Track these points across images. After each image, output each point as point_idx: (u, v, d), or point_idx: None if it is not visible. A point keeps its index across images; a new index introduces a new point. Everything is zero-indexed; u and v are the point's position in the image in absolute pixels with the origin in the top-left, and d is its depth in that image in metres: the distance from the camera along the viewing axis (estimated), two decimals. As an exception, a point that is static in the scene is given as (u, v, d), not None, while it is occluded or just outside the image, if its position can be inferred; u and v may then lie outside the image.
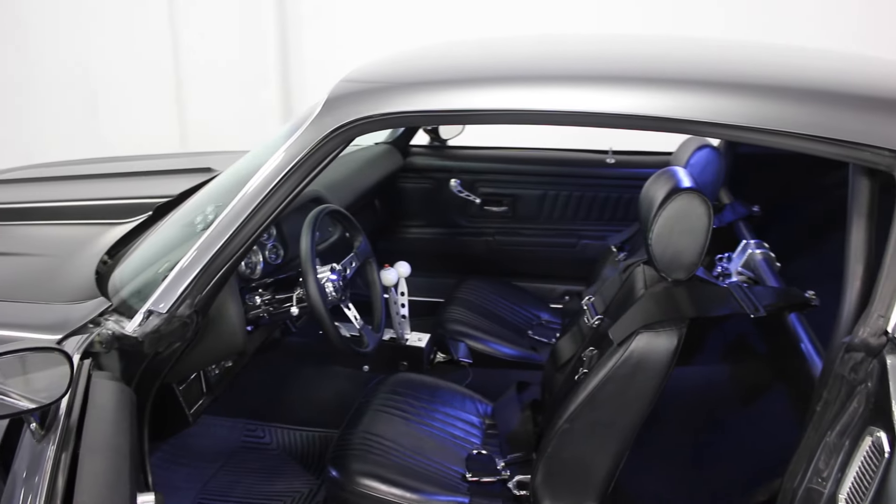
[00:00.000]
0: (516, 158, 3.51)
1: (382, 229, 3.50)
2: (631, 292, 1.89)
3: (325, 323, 2.12)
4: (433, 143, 3.59)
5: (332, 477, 2.01)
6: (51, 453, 1.25)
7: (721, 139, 1.76)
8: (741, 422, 2.45)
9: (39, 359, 1.35)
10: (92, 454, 1.23)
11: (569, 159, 3.47)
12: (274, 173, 1.65)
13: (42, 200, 2.66)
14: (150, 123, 5.40)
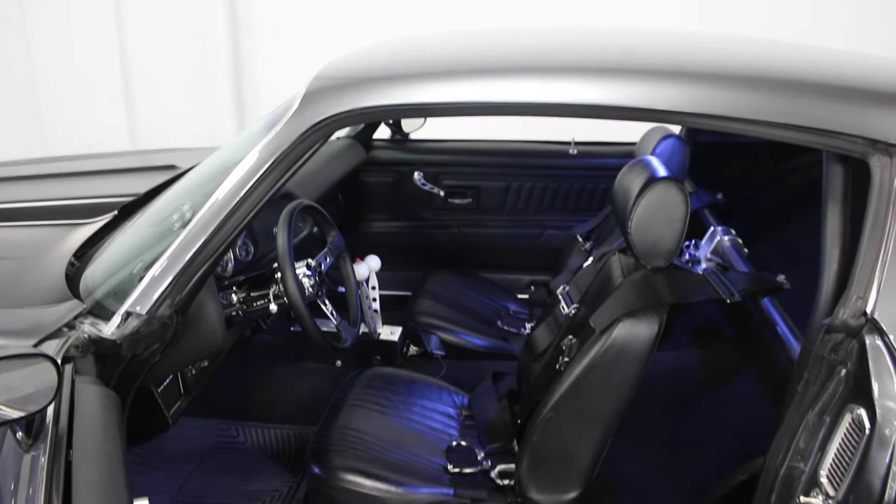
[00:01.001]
0: (479, 151, 3.51)
1: (347, 224, 3.48)
2: (608, 280, 1.91)
3: (305, 319, 2.10)
4: (395, 136, 3.58)
5: (314, 474, 1.99)
6: (43, 463, 1.22)
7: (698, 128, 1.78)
8: (715, 405, 2.50)
9: (22, 365, 1.31)
10: (85, 462, 1.20)
11: (532, 150, 3.49)
12: (253, 170, 1.63)
13: (0, 201, 2.59)
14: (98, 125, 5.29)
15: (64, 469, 1.21)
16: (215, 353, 2.14)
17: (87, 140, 5.14)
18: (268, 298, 2.18)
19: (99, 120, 5.29)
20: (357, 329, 2.47)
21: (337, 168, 3.20)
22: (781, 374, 2.02)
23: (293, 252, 2.12)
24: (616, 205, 1.83)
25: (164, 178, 2.54)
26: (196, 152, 2.72)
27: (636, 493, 2.22)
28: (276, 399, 2.87)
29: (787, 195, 2.82)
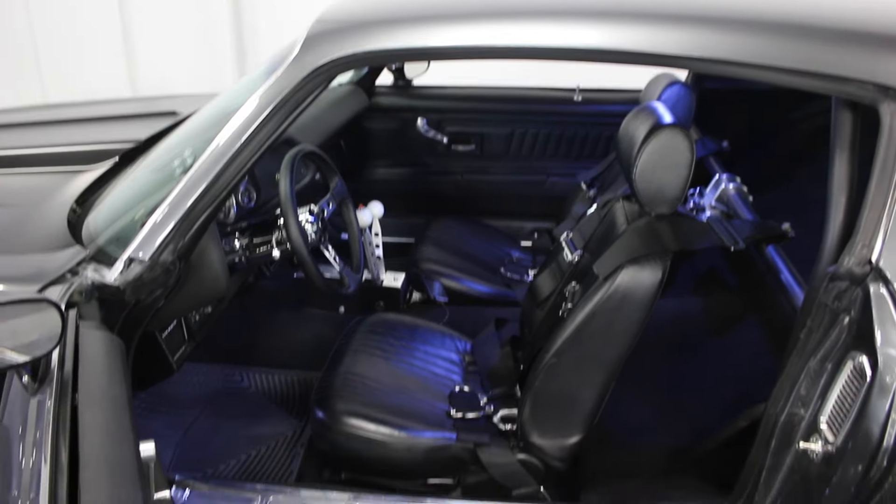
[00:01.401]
0: (483, 97, 3.48)
1: (349, 170, 3.47)
2: (612, 227, 1.91)
3: (308, 265, 2.10)
4: (398, 82, 3.54)
5: (318, 418, 2.01)
6: (49, 407, 1.23)
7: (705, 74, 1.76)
8: (716, 352, 2.51)
9: (26, 310, 1.32)
10: (91, 406, 1.21)
11: (536, 97, 3.45)
12: (254, 115, 1.62)
13: None
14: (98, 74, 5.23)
15: (70, 412, 1.22)
16: (219, 299, 2.14)
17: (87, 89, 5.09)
18: (270, 244, 2.18)
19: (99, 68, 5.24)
20: (360, 275, 2.47)
21: (339, 114, 3.18)
22: (784, 321, 2.03)
23: (296, 198, 2.11)
24: (621, 151, 1.82)
25: (165, 124, 2.53)
26: (197, 98, 2.70)
27: (637, 439, 2.24)
28: (280, 345, 2.89)
29: (793, 143, 2.80)
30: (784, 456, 1.54)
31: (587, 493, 2.03)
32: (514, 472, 1.95)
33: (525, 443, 1.93)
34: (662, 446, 2.22)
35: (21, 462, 1.19)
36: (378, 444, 1.95)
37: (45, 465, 1.12)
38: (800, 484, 1.50)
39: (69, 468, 1.11)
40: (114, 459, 1.11)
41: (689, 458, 2.12)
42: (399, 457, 1.96)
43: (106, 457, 1.11)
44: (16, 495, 1.12)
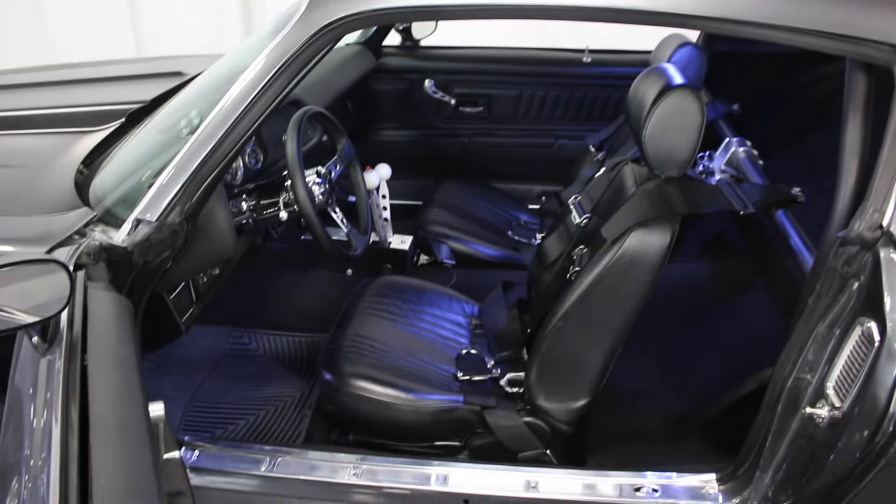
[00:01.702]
0: (491, 58, 3.45)
1: (356, 132, 3.44)
2: (620, 191, 1.89)
3: (315, 227, 2.10)
4: (405, 43, 3.51)
5: (326, 380, 2.02)
6: (59, 367, 1.24)
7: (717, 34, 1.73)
8: (723, 316, 2.51)
9: (34, 271, 1.32)
10: (100, 366, 1.22)
11: (544, 59, 3.42)
12: (261, 74, 1.60)
13: (3, 109, 2.56)
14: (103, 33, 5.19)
15: (80, 373, 1.23)
16: (226, 261, 2.14)
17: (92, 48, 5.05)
18: (278, 206, 2.17)
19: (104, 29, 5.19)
20: (368, 237, 2.47)
21: (346, 75, 3.15)
22: (793, 286, 2.02)
23: (303, 159, 2.10)
24: (630, 113, 1.80)
25: (171, 84, 2.50)
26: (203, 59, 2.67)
27: (644, 403, 2.25)
28: (288, 307, 2.90)
29: (804, 107, 2.77)
30: (790, 421, 1.54)
31: (593, 456, 2.04)
32: (521, 434, 1.96)
33: (532, 406, 1.94)
34: (668, 410, 2.23)
35: (32, 422, 1.20)
36: (385, 406, 1.96)
37: (56, 424, 1.13)
38: (805, 448, 1.51)
39: (80, 428, 1.12)
40: (124, 420, 1.12)
41: (694, 422, 2.13)
42: (406, 419, 1.97)
43: (116, 417, 1.12)
44: (28, 454, 1.13)
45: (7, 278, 1.30)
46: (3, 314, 1.27)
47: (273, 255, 3.07)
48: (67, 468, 1.05)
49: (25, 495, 1.08)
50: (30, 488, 1.08)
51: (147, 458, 1.06)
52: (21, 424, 1.23)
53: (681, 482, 1.75)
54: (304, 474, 1.82)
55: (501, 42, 3.46)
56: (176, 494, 1.19)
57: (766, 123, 2.91)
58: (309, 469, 1.83)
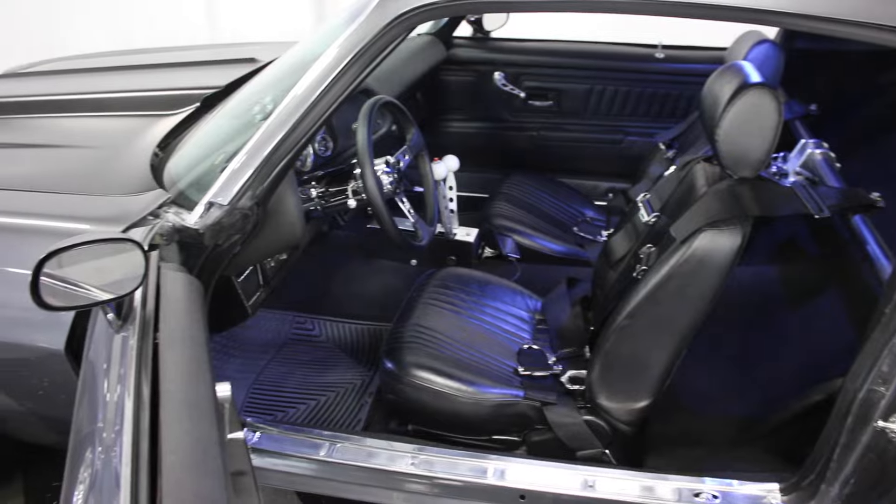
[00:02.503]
0: (563, 52, 3.42)
1: (425, 123, 3.46)
2: (691, 190, 1.86)
3: (383, 216, 2.11)
4: (476, 34, 3.50)
5: (387, 369, 2.04)
6: (133, 344, 1.27)
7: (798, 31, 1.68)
8: (792, 322, 2.45)
9: (111, 250, 1.36)
10: (172, 344, 1.25)
11: (616, 53, 3.38)
12: (334, 63, 1.61)
13: (84, 92, 2.63)
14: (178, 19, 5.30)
15: (152, 350, 1.26)
16: (294, 247, 2.17)
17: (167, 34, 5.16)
18: (346, 194, 2.19)
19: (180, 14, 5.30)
20: (433, 228, 2.48)
21: (416, 65, 3.16)
22: (868, 295, 1.96)
23: (373, 148, 2.12)
24: (704, 111, 1.76)
25: (245, 70, 2.54)
26: (276, 46, 2.71)
27: (706, 407, 2.21)
28: (351, 295, 2.92)
29: (886, 108, 2.68)
30: (860, 434, 1.50)
31: (652, 459, 2.02)
32: (580, 432, 1.94)
33: (592, 404, 1.92)
34: (731, 416, 2.19)
35: (106, 396, 1.23)
36: (445, 398, 1.97)
37: (129, 399, 1.15)
38: (876, 463, 1.47)
39: (151, 404, 1.14)
40: (192, 398, 1.14)
41: (758, 429, 2.08)
42: (466, 411, 1.97)
43: (185, 395, 1.14)
44: (101, 426, 1.17)
45: (85, 256, 1.34)
46: (81, 290, 1.31)
47: (338, 242, 3.10)
48: (139, 442, 1.08)
49: (98, 466, 1.11)
50: (103, 459, 1.11)
51: (214, 437, 1.08)
52: (95, 398, 1.26)
53: (742, 490, 1.72)
54: (362, 461, 1.83)
55: (572, 35, 3.43)
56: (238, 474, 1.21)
57: (844, 125, 2.83)
58: (367, 456, 1.84)
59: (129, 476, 1.02)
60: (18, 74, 3.02)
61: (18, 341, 1.75)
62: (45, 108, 2.50)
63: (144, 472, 1.03)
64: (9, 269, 1.75)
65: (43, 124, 2.40)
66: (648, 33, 3.29)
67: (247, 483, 1.20)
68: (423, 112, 3.43)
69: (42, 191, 1.90)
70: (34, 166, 2.08)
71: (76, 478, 1.14)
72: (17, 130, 2.35)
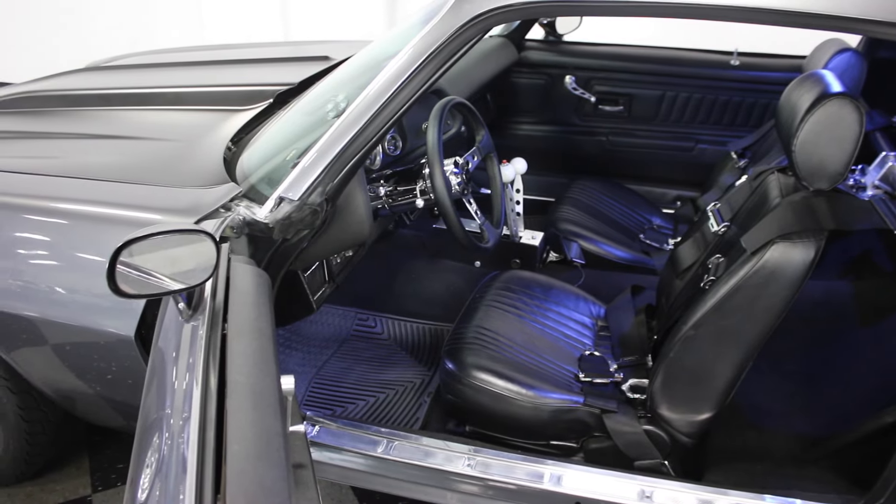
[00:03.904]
0: (634, 57, 3.39)
1: (494, 125, 3.46)
2: (764, 200, 1.82)
3: (450, 216, 2.12)
4: (548, 37, 3.49)
5: (448, 369, 2.04)
6: (202, 334, 1.30)
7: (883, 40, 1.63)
8: (864, 339, 2.38)
9: (184, 241, 1.39)
10: (239, 336, 1.27)
11: (689, 59, 3.33)
12: (408, 63, 1.63)
13: (160, 86, 2.70)
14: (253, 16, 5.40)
15: (220, 341, 1.28)
16: (360, 244, 2.19)
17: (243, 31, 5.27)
18: (414, 193, 2.20)
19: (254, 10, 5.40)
20: (500, 230, 2.47)
21: (488, 67, 3.17)
22: None
23: (442, 148, 2.13)
24: (781, 120, 1.73)
25: (318, 68, 2.58)
26: (350, 44, 2.74)
27: (770, 422, 2.17)
28: (415, 294, 2.94)
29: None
30: None
31: (712, 472, 1.98)
32: (639, 442, 1.92)
33: (653, 414, 1.90)
34: (796, 432, 2.14)
35: (174, 383, 1.26)
36: (504, 401, 1.96)
37: (197, 387, 1.18)
38: (949, 488, 1.42)
39: (218, 393, 1.17)
40: (258, 389, 1.16)
41: (824, 448, 2.03)
42: (524, 415, 1.96)
43: (251, 386, 1.16)
44: (169, 413, 1.20)
45: (159, 246, 1.38)
46: (154, 279, 1.35)
47: (404, 241, 3.12)
48: (205, 430, 1.10)
49: (165, 451, 1.14)
50: (170, 445, 1.13)
51: (277, 429, 1.10)
52: (164, 385, 1.30)
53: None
54: (419, 460, 1.84)
55: (645, 39, 3.40)
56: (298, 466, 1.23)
57: None
58: (423, 455, 1.85)
59: (196, 462, 1.05)
60: (101, 68, 3.12)
61: (90, 326, 1.81)
62: (124, 100, 2.58)
63: (210, 460, 1.05)
64: (85, 256, 1.81)
65: (122, 116, 2.47)
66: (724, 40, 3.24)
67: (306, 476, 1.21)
68: (492, 114, 3.43)
69: (119, 181, 1.96)
70: (112, 157, 2.15)
71: (143, 461, 1.17)
72: (98, 121, 2.42)
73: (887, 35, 1.39)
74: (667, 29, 3.07)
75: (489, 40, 3.30)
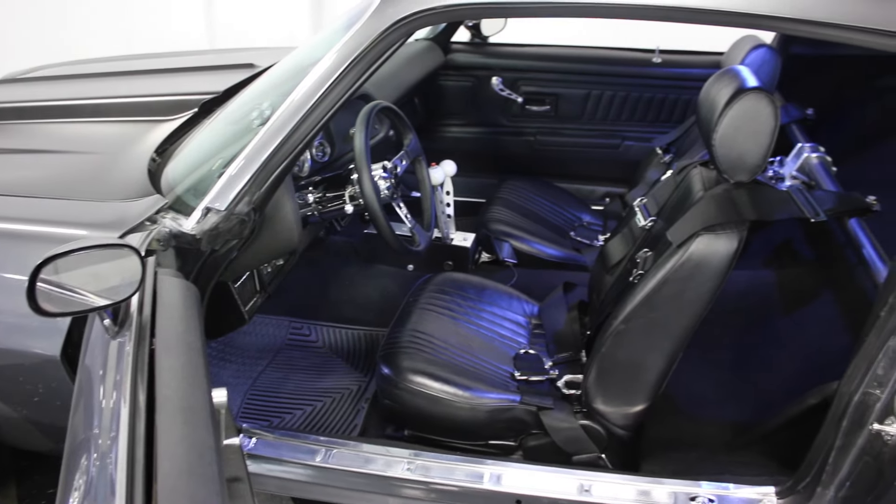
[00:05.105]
0: (560, 56, 3.42)
1: (422, 128, 3.46)
2: (688, 194, 1.86)
3: (380, 221, 2.12)
4: (474, 39, 3.51)
5: (384, 374, 2.04)
6: (129, 350, 1.27)
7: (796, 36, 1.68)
8: (788, 326, 2.45)
9: (108, 256, 1.36)
10: (168, 351, 1.25)
11: (614, 58, 3.38)
12: (332, 68, 1.62)
13: (82, 97, 2.63)
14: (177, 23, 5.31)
15: (148, 356, 1.26)
16: (290, 252, 2.17)
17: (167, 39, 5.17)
18: (343, 199, 2.19)
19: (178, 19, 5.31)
20: (431, 233, 2.48)
21: (414, 71, 3.17)
22: (863, 298, 1.97)
23: (370, 153, 2.12)
24: (701, 115, 1.77)
25: (243, 76, 2.55)
26: (274, 51, 2.71)
27: (702, 411, 2.22)
28: (348, 300, 2.92)
29: (882, 113, 2.69)
30: (856, 436, 1.50)
31: (648, 463, 2.02)
32: (576, 437, 1.94)
33: (588, 408, 1.92)
34: (727, 419, 2.19)
35: (101, 402, 1.23)
36: (442, 403, 1.97)
37: (125, 405, 1.16)
38: (871, 466, 1.47)
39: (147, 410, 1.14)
40: (188, 404, 1.14)
41: (754, 433, 2.08)
42: (462, 416, 1.97)
43: (181, 401, 1.14)
44: (97, 433, 1.17)
45: (82, 262, 1.35)
46: (78, 296, 1.32)
47: (335, 247, 3.11)
48: (134, 449, 1.08)
49: (94, 473, 1.11)
50: (98, 466, 1.11)
51: (209, 443, 1.08)
52: (91, 404, 1.27)
53: (738, 493, 1.72)
54: (359, 466, 1.84)
55: (570, 39, 3.44)
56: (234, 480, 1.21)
57: (840, 129, 2.84)
58: (363, 462, 1.84)
59: (125, 482, 1.03)
60: (17, 80, 3.03)
61: (14, 347, 1.75)
62: (43, 113, 2.51)
63: (140, 479, 1.03)
64: (5, 275, 1.75)
65: (41, 129, 2.41)
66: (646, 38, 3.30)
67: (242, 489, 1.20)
68: (420, 117, 3.43)
69: (39, 196, 1.91)
70: (32, 172, 2.09)
71: (71, 484, 1.14)
72: (16, 136, 2.36)
73: (798, 31, 1.43)
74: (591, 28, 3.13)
75: (415, 43, 3.30)
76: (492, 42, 3.50)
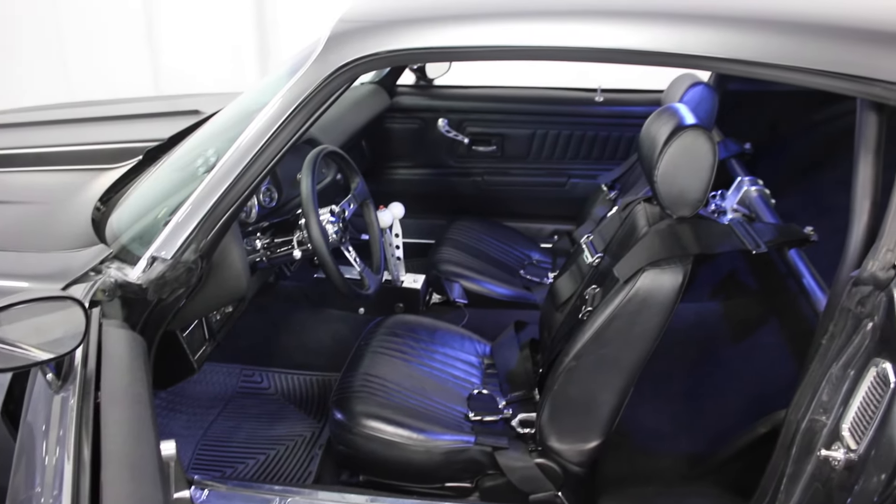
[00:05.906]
0: (504, 97, 3.48)
1: (370, 171, 3.47)
2: (633, 230, 1.89)
3: (329, 266, 2.11)
4: (419, 82, 3.55)
5: (337, 419, 2.02)
6: (73, 404, 1.24)
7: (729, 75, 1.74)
8: (735, 356, 2.49)
9: (51, 308, 1.33)
10: (113, 404, 1.22)
11: (557, 97, 3.44)
12: (277, 113, 1.62)
13: (23, 146, 2.59)
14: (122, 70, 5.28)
15: (93, 410, 1.23)
16: (239, 299, 2.15)
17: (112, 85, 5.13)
18: (291, 244, 2.19)
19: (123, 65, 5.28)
20: (380, 276, 2.48)
21: (360, 114, 3.18)
22: (806, 326, 2.01)
23: (317, 198, 2.12)
24: (643, 153, 1.81)
25: (189, 122, 2.54)
26: (220, 97, 2.71)
27: (656, 444, 2.23)
28: (299, 345, 2.90)
29: (816, 146, 2.78)
30: (805, 463, 1.52)
31: (605, 499, 2.02)
32: (532, 476, 1.94)
33: (543, 447, 1.92)
34: (681, 452, 2.21)
35: (44, 459, 1.20)
36: (396, 447, 1.95)
37: (68, 462, 1.13)
38: (821, 492, 1.49)
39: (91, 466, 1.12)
40: (135, 458, 1.12)
41: (707, 463, 2.10)
42: (417, 459, 1.96)
43: (128, 455, 1.12)
44: (39, 492, 1.13)
45: (24, 315, 1.31)
46: (19, 351, 1.28)
47: (286, 293, 3.09)
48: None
49: (36, 534, 1.08)
50: (41, 527, 1.08)
51: (158, 499, 1.06)
52: (33, 461, 1.23)
53: (695, 525, 1.73)
54: None
55: (514, 80, 3.50)
56: (186, 534, 1.19)
57: (777, 162, 2.92)
58: None
59: None
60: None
61: (-48, 404, 1.70)
62: (-21, 163, 2.46)
63: None
64: (-57, 331, 1.71)
65: (-21, 180, 2.36)
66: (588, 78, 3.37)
67: (194, 543, 1.17)
68: (367, 160, 3.45)
69: (-22, 248, 1.86)
70: (-30, 223, 2.04)
71: (13, 547, 1.11)
72: (-48, 188, 2.31)
73: (729, 70, 1.48)
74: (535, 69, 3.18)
75: (360, 87, 3.32)
76: (437, 84, 3.54)
